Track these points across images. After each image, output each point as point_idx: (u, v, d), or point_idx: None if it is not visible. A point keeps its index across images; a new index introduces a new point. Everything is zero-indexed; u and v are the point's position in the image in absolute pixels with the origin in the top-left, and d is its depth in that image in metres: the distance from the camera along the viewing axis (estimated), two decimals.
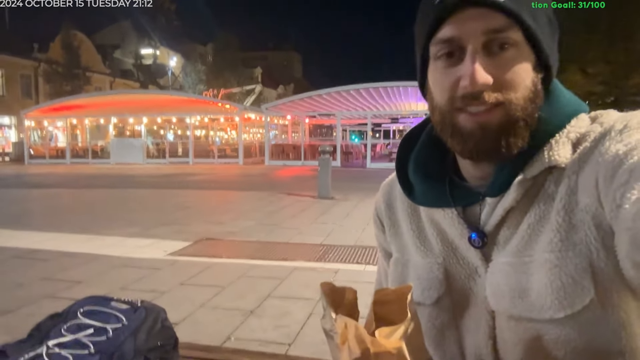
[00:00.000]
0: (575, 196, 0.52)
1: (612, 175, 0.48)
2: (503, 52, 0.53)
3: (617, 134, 0.51)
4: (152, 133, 29.08)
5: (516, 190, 0.56)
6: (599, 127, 0.55)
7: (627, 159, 0.47)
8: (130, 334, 0.90)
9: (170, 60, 39.21)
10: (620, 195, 0.46)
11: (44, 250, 4.24)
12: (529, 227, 0.55)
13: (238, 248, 4.40)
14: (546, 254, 0.53)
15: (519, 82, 0.53)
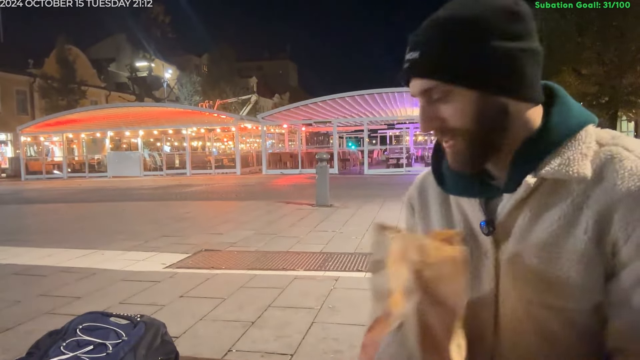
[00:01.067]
0: (612, 217, 0.60)
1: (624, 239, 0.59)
2: (439, 103, 0.66)
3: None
4: (149, 145, 29.07)
5: (525, 188, 0.65)
6: (630, 162, 0.62)
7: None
8: (130, 349, 0.89)
9: (166, 72, 39.32)
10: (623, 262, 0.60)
11: (42, 266, 4.21)
12: (559, 226, 0.63)
13: (237, 258, 4.38)
14: (577, 255, 0.61)
15: (457, 121, 0.66)
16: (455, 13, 0.65)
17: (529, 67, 0.65)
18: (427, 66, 0.65)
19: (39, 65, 31.13)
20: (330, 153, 16.22)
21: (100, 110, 25.20)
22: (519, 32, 0.64)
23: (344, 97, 18.98)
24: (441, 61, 0.64)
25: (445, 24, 0.65)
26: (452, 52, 0.64)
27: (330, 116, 21.52)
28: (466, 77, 0.64)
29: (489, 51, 0.63)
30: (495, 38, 0.63)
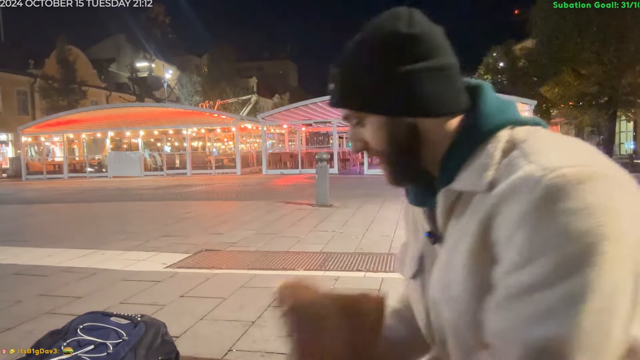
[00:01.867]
0: (492, 224, 0.59)
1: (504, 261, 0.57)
2: (358, 127, 0.73)
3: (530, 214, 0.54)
4: (149, 145, 29.08)
5: (440, 203, 0.69)
6: (518, 171, 0.58)
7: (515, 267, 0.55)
8: (130, 349, 0.90)
9: (166, 73, 39.33)
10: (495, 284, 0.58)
11: (42, 266, 4.22)
12: (459, 234, 0.65)
13: (238, 258, 4.38)
14: (464, 260, 0.63)
15: (375, 144, 0.71)
16: (355, 44, 0.70)
17: (432, 85, 0.66)
18: (338, 97, 0.72)
19: (40, 66, 31.17)
20: (330, 153, 16.22)
21: (101, 110, 25.21)
22: (416, 53, 0.66)
23: None
24: (347, 92, 0.70)
25: (347, 55, 0.70)
26: (355, 81, 0.69)
27: (330, 116, 21.52)
28: (370, 104, 0.69)
29: (387, 77, 0.66)
30: (393, 63, 0.66)
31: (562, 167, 0.55)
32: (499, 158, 0.63)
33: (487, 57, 34.95)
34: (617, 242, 0.52)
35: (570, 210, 0.52)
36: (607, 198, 0.53)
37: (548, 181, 0.54)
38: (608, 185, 0.54)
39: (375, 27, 0.69)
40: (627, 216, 0.53)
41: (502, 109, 0.69)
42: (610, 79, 16.99)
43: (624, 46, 16.50)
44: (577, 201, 0.52)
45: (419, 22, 0.67)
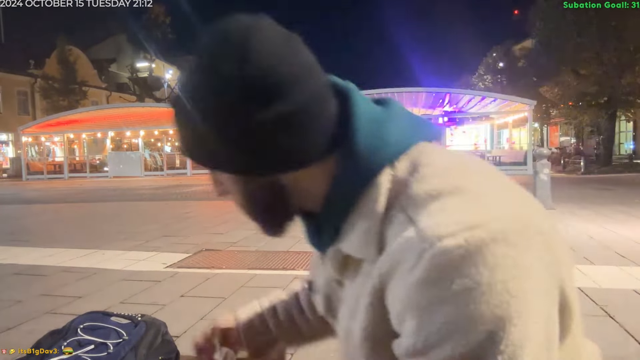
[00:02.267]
0: (383, 296, 0.51)
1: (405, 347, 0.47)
2: (214, 172, 0.61)
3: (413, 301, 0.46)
4: (150, 146, 29.08)
5: (330, 256, 0.60)
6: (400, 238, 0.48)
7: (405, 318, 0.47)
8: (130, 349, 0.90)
9: (166, 73, 39.33)
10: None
11: (43, 266, 4.23)
12: (357, 294, 0.56)
13: (238, 258, 4.39)
14: (361, 332, 0.54)
15: (233, 196, 0.60)
16: (186, 82, 0.55)
17: (282, 134, 0.51)
18: (183, 146, 0.60)
19: (40, 66, 31.18)
20: None
21: (101, 110, 25.21)
22: (255, 99, 0.50)
23: None
24: (186, 141, 0.58)
25: (181, 94, 0.55)
26: (190, 131, 0.56)
27: None
28: (211, 161, 0.57)
29: (221, 133, 0.52)
30: (226, 117, 0.51)
31: (447, 237, 0.44)
32: (381, 215, 0.51)
33: (487, 57, 34.98)
34: (520, 320, 0.43)
35: (459, 295, 0.43)
36: (503, 268, 0.43)
37: (428, 259, 0.44)
38: (501, 250, 0.44)
39: (203, 62, 0.52)
40: (529, 281, 0.44)
41: (379, 142, 0.53)
42: (610, 79, 16.97)
43: (624, 46, 16.49)
44: (467, 280, 0.43)
45: (257, 53, 0.50)
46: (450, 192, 0.48)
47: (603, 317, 2.64)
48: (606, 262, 3.85)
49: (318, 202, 0.57)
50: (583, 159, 17.05)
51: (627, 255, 4.07)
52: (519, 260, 0.44)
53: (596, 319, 2.62)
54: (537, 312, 0.44)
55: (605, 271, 3.57)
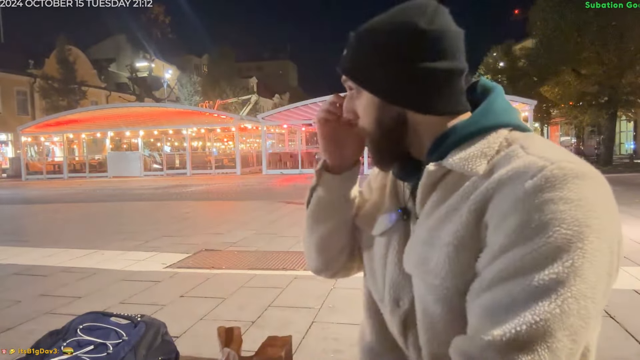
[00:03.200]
0: (487, 206, 0.62)
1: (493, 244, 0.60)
2: (355, 99, 0.76)
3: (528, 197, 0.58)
4: (149, 145, 29.07)
5: (427, 175, 0.70)
6: (518, 160, 0.62)
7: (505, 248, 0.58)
8: (130, 349, 0.90)
9: (166, 73, 39.31)
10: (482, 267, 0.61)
11: (42, 266, 4.22)
12: (445, 213, 0.67)
13: (237, 258, 4.38)
14: (450, 238, 0.65)
15: (363, 120, 0.75)
16: (378, 22, 0.71)
17: (432, 86, 0.69)
18: (346, 65, 0.74)
19: (40, 66, 31.13)
20: None
21: (101, 110, 25.19)
22: (427, 52, 0.68)
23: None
24: (355, 63, 0.73)
25: (368, 29, 0.72)
26: (365, 57, 0.71)
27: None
28: (369, 83, 0.72)
29: (394, 66, 0.69)
30: (403, 56, 0.68)
31: (562, 161, 0.59)
32: (497, 149, 0.66)
33: (487, 57, 34.97)
34: (601, 235, 0.56)
35: (566, 199, 0.56)
36: (596, 195, 0.58)
37: (549, 171, 0.58)
38: (596, 184, 0.60)
39: (399, 13, 0.70)
40: (607, 214, 0.58)
41: (508, 112, 0.71)
42: (610, 79, 16.96)
43: (624, 46, 16.47)
44: (572, 192, 0.57)
45: (441, 21, 0.68)
46: (555, 147, 0.65)
47: (603, 317, 2.62)
48: None
49: (425, 145, 0.72)
50: (583, 158, 16.99)
51: (627, 255, 4.07)
52: (607, 199, 0.60)
53: None
54: (609, 245, 0.57)
55: None
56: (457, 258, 0.64)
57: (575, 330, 0.53)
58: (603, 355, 2.19)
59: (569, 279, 0.53)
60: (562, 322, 0.53)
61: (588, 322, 0.54)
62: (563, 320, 0.53)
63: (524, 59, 26.40)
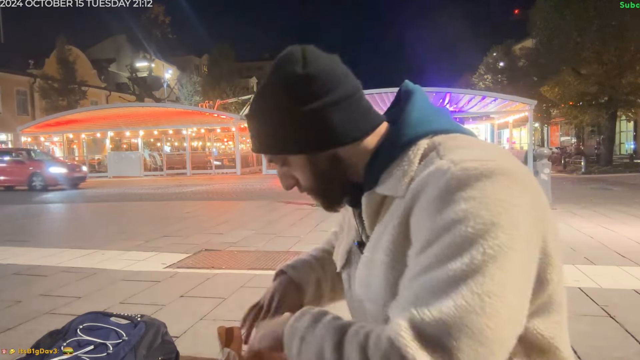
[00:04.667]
0: (409, 219, 0.64)
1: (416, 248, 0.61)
2: (285, 167, 0.77)
3: (435, 201, 0.59)
4: (149, 145, 29.06)
5: (364, 207, 0.73)
6: (431, 167, 0.63)
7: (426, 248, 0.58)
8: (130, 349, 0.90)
9: (166, 73, 39.31)
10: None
11: (42, 266, 4.22)
12: (380, 234, 0.70)
13: (238, 258, 4.38)
14: (383, 257, 0.67)
15: (303, 180, 0.76)
16: (260, 91, 0.73)
17: (338, 116, 0.69)
18: (257, 145, 0.76)
19: (40, 66, 31.13)
20: None
21: (101, 110, 25.19)
22: (315, 91, 0.68)
23: None
24: (263, 139, 0.74)
25: (256, 103, 0.74)
26: (267, 128, 0.72)
27: None
28: (286, 147, 0.72)
29: (294, 118, 0.69)
30: (296, 105, 0.69)
31: (465, 162, 0.60)
32: (417, 162, 0.67)
33: (487, 57, 34.97)
34: (510, 232, 0.55)
35: (469, 198, 0.57)
36: (504, 191, 0.57)
37: (451, 173, 0.59)
38: (507, 181, 0.58)
39: (274, 71, 0.71)
40: (520, 211, 0.57)
41: (426, 120, 0.71)
42: (610, 79, 16.94)
43: (624, 46, 16.46)
44: (476, 191, 0.57)
45: (313, 60, 0.69)
46: (474, 145, 0.66)
47: (604, 317, 2.64)
48: (606, 262, 3.84)
49: (362, 174, 0.74)
50: (583, 158, 17.03)
51: (627, 255, 4.07)
52: (517, 194, 0.58)
53: (597, 319, 2.61)
54: (520, 241, 0.56)
55: (606, 271, 3.57)
56: (392, 276, 0.65)
57: (480, 329, 0.50)
58: (603, 355, 2.20)
59: (469, 276, 0.52)
60: (462, 322, 0.50)
61: (498, 321, 0.51)
62: (463, 321, 0.50)
63: (524, 59, 26.41)
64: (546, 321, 0.65)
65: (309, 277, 0.97)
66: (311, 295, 0.97)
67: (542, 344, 0.64)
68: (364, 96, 0.74)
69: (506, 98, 19.41)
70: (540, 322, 0.64)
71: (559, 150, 25.23)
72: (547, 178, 6.99)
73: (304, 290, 0.96)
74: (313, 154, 0.72)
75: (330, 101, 0.69)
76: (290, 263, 1.00)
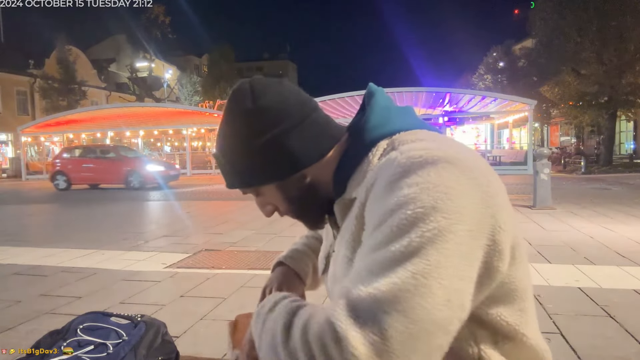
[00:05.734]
0: (365, 210, 0.67)
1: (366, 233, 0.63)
2: (260, 196, 0.80)
3: (383, 188, 0.63)
4: (149, 145, 29.06)
5: (337, 214, 0.76)
6: (385, 160, 0.67)
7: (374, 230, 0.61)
8: (130, 349, 0.90)
9: (166, 73, 39.30)
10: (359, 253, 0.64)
11: (42, 266, 4.22)
12: (344, 229, 0.73)
13: (238, 258, 4.38)
14: (344, 250, 0.71)
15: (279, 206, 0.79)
16: (221, 129, 0.77)
17: (296, 141, 0.72)
18: (229, 181, 0.79)
19: (40, 66, 31.11)
20: None
21: (101, 110, 25.19)
22: (267, 123, 0.72)
23: (344, 97, 18.98)
24: (232, 174, 0.77)
25: (219, 141, 0.77)
26: (233, 163, 0.76)
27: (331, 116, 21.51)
28: (254, 179, 0.75)
29: (255, 151, 0.72)
30: (254, 138, 0.72)
31: (411, 150, 0.63)
32: (376, 161, 0.70)
33: (487, 57, 34.95)
34: (450, 217, 0.56)
35: (413, 184, 0.59)
36: (448, 178, 0.59)
37: (397, 161, 0.63)
38: (452, 168, 0.60)
39: (227, 108, 0.75)
40: (466, 198, 0.58)
41: (385, 122, 0.74)
42: (610, 79, 16.93)
43: (624, 46, 16.46)
44: (419, 177, 0.59)
45: (262, 92, 0.73)
46: (431, 138, 0.68)
47: (604, 317, 2.64)
48: (606, 262, 3.84)
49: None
50: (583, 158, 17.01)
51: (627, 255, 4.07)
52: (463, 181, 0.59)
53: (597, 319, 2.62)
54: (461, 227, 0.56)
55: (606, 271, 3.57)
56: (350, 267, 0.67)
57: (412, 307, 0.51)
58: (603, 355, 2.20)
59: (407, 258, 0.54)
60: (396, 301, 0.51)
61: (432, 302, 0.52)
62: (398, 300, 0.51)
63: (524, 59, 26.39)
64: (510, 309, 0.66)
65: (307, 267, 1.00)
66: (309, 282, 1.01)
67: (508, 331, 0.66)
68: (320, 114, 0.77)
69: (506, 98, 19.41)
70: (504, 309, 0.66)
71: (558, 150, 25.22)
72: (547, 178, 6.99)
73: (305, 280, 0.99)
74: (281, 181, 0.75)
75: (284, 129, 0.72)
76: (288, 254, 1.03)
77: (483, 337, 0.66)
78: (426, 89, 19.68)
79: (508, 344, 0.67)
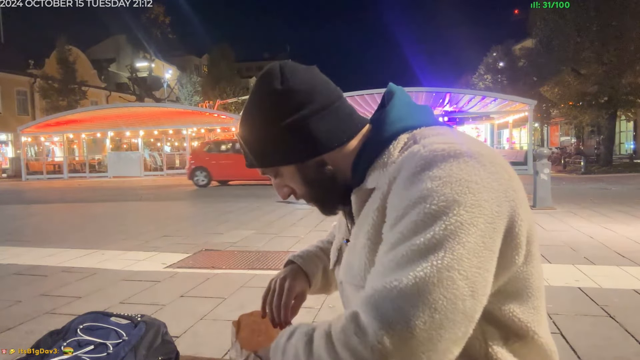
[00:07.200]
0: (386, 202, 0.67)
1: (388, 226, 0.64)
2: (278, 178, 0.82)
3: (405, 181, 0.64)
4: (149, 145, 29.07)
5: (354, 203, 0.77)
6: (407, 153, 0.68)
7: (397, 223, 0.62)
8: (130, 349, 0.90)
9: (166, 73, 39.29)
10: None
11: (43, 266, 4.22)
12: (362, 219, 0.73)
13: (238, 258, 4.38)
14: (364, 240, 0.71)
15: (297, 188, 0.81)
16: (246, 109, 0.78)
17: (320, 125, 0.74)
18: (250, 160, 0.80)
19: (40, 66, 31.11)
20: None
21: (101, 110, 25.18)
22: (296, 104, 0.73)
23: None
24: (254, 154, 0.79)
25: (244, 121, 0.79)
26: (257, 143, 0.77)
27: None
28: (275, 159, 0.78)
29: (279, 131, 0.74)
30: (279, 118, 0.74)
31: (434, 144, 0.64)
32: (397, 154, 0.71)
33: (487, 57, 34.94)
34: (472, 210, 0.57)
35: (435, 177, 0.60)
36: (470, 172, 0.60)
37: (420, 154, 0.64)
38: (474, 162, 0.62)
39: (256, 89, 0.77)
40: (485, 191, 0.60)
41: (406, 116, 0.76)
42: (610, 79, 16.92)
43: (624, 46, 16.45)
44: (441, 170, 0.60)
45: (291, 75, 0.75)
46: (450, 133, 0.70)
47: (604, 317, 2.64)
48: (606, 262, 3.84)
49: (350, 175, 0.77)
50: (583, 158, 17.02)
51: (627, 255, 4.07)
52: (484, 175, 0.61)
53: (597, 319, 2.62)
54: (482, 220, 0.58)
55: (606, 271, 3.57)
56: (372, 257, 0.67)
57: (436, 299, 0.52)
58: (603, 355, 2.20)
59: (430, 251, 0.55)
60: (422, 293, 0.52)
61: (456, 293, 0.53)
62: (423, 292, 0.52)
63: (524, 59, 26.37)
64: (523, 306, 0.67)
65: (316, 267, 1.02)
66: (318, 283, 1.03)
67: (519, 328, 0.66)
68: (345, 103, 0.78)
69: (506, 98, 19.41)
70: (517, 306, 0.66)
71: (558, 150, 25.22)
72: (547, 178, 6.99)
73: (312, 280, 1.01)
74: (301, 163, 0.76)
75: (310, 112, 0.73)
76: (298, 254, 1.07)
77: (492, 334, 0.66)
78: (426, 89, 19.68)
79: (518, 342, 0.67)
